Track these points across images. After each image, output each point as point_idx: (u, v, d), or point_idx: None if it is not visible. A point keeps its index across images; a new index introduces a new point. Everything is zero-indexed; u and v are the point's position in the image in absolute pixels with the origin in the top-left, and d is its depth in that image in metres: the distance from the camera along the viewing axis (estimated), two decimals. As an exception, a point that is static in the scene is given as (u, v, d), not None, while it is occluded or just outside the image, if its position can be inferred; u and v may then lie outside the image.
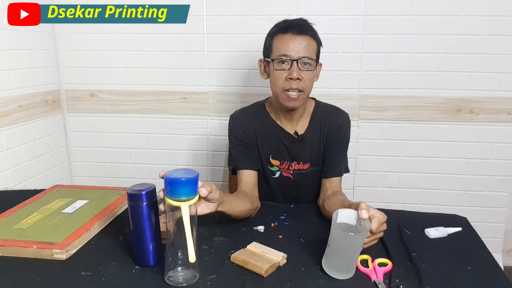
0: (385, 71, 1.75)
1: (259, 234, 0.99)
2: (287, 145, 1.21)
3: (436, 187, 1.86)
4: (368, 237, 0.83)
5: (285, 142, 1.21)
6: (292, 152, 1.22)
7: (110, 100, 1.92)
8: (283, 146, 1.22)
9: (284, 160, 1.23)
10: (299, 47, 1.07)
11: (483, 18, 1.65)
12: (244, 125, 1.22)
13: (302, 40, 1.08)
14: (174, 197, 0.74)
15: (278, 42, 1.10)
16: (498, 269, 0.84)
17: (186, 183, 0.74)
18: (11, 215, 1.05)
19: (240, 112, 1.27)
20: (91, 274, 0.81)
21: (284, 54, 1.08)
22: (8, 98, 1.59)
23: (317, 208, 1.16)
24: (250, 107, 1.28)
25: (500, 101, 1.73)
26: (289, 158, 1.23)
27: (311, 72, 1.10)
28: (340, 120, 1.22)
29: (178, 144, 1.95)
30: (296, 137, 1.21)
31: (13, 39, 1.61)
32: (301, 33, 1.08)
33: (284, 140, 1.21)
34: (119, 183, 1.99)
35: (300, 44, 1.08)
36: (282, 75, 1.10)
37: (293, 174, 1.24)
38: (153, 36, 1.82)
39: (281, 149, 1.22)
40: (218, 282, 0.78)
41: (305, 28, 1.10)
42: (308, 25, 1.12)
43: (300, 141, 1.21)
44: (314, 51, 1.11)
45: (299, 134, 1.21)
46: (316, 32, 1.14)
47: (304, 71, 1.09)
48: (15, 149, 1.65)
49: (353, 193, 1.91)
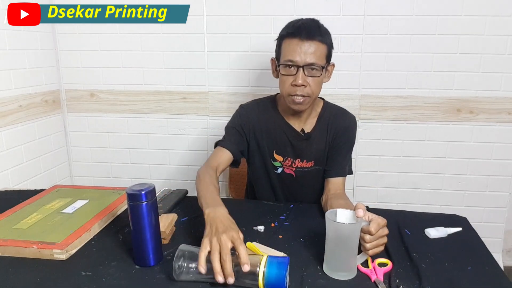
0: (385, 71, 1.75)
1: (259, 234, 0.99)
2: (293, 142, 1.22)
3: (436, 187, 1.86)
4: (369, 241, 0.81)
5: (290, 139, 1.22)
6: (297, 149, 1.22)
7: (110, 100, 1.92)
8: (288, 143, 1.22)
9: (288, 157, 1.23)
10: (306, 53, 1.06)
11: (483, 18, 1.65)
12: (251, 117, 1.23)
13: (310, 46, 1.06)
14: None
15: (286, 46, 1.09)
16: (498, 269, 0.84)
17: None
18: (11, 215, 1.05)
19: (251, 104, 1.28)
20: (91, 274, 0.81)
21: (291, 60, 1.07)
22: (8, 98, 1.59)
23: (317, 208, 1.16)
24: (262, 101, 1.29)
25: (500, 101, 1.73)
26: (293, 155, 1.23)
27: (318, 77, 1.09)
28: (347, 122, 1.23)
29: (178, 144, 1.95)
30: (303, 134, 1.21)
31: (13, 39, 1.61)
32: (309, 38, 1.06)
33: (290, 137, 1.22)
34: (119, 183, 1.99)
35: (307, 50, 1.06)
36: (289, 80, 1.10)
37: (295, 171, 1.24)
38: (153, 36, 1.82)
39: (286, 145, 1.22)
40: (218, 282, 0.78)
41: (314, 32, 1.07)
42: (317, 28, 1.09)
43: (306, 139, 1.21)
44: (323, 55, 1.09)
45: (305, 132, 1.21)
46: (327, 34, 1.12)
47: (310, 77, 1.08)
48: (15, 149, 1.65)
49: (353, 193, 1.91)
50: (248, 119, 1.23)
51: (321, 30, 1.10)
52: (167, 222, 0.96)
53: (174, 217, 1.00)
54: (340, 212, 0.81)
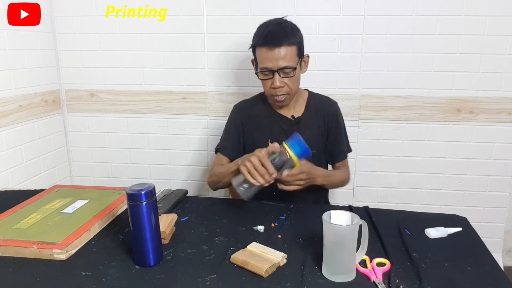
0: (385, 71, 1.75)
1: (259, 234, 0.99)
2: (285, 128, 1.30)
3: (436, 187, 1.86)
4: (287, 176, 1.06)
5: (282, 126, 1.31)
6: (290, 135, 1.26)
7: (110, 100, 1.92)
8: (280, 129, 1.30)
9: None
10: (278, 59, 1.16)
11: (483, 18, 1.65)
12: (243, 113, 1.35)
13: (279, 52, 1.15)
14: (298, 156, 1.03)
15: (259, 55, 1.20)
16: (498, 269, 0.84)
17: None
18: (11, 215, 1.05)
19: (242, 102, 1.42)
20: (91, 274, 0.81)
21: (265, 67, 1.19)
22: (8, 98, 1.59)
23: (317, 208, 1.16)
24: (251, 98, 1.42)
25: (500, 101, 1.73)
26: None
27: (292, 76, 1.20)
28: (334, 108, 1.36)
29: (178, 144, 1.95)
30: (293, 119, 1.31)
31: (13, 39, 1.61)
32: (277, 45, 1.15)
33: (282, 124, 1.31)
34: (119, 183, 1.99)
35: (278, 56, 1.16)
36: (268, 84, 1.22)
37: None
38: (153, 36, 1.82)
39: (279, 132, 1.30)
40: (218, 282, 0.78)
41: (281, 38, 1.15)
42: (284, 32, 1.17)
43: (297, 123, 1.31)
44: (294, 56, 1.18)
45: (295, 117, 1.31)
46: (295, 32, 1.20)
47: (286, 78, 1.20)
48: (15, 149, 1.65)
49: (353, 193, 1.91)
50: (241, 116, 1.35)
51: (287, 33, 1.17)
52: (167, 222, 0.96)
53: (174, 217, 1.00)
54: (335, 213, 0.81)
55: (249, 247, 0.88)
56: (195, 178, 1.99)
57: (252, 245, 0.89)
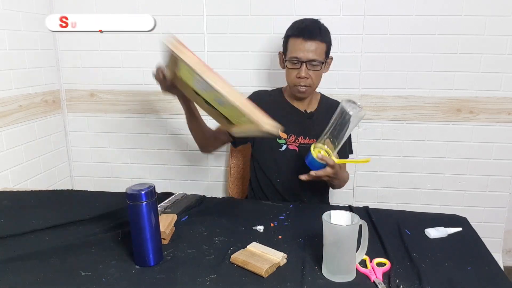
0: (385, 71, 1.75)
1: (259, 234, 0.99)
2: (297, 120, 1.37)
3: (436, 187, 1.86)
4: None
5: (295, 118, 1.37)
6: (300, 127, 1.36)
7: (110, 100, 1.92)
8: (292, 121, 1.36)
9: (292, 134, 1.36)
10: (308, 51, 1.25)
11: (483, 18, 1.65)
12: (260, 99, 1.36)
13: (311, 45, 1.25)
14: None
15: (291, 45, 1.28)
16: (498, 269, 0.84)
17: None
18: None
19: (262, 91, 1.51)
20: (91, 274, 0.81)
21: (295, 56, 1.26)
22: (8, 98, 1.59)
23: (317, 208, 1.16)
24: (271, 90, 1.51)
25: (500, 101, 1.73)
26: (297, 132, 1.36)
27: (318, 70, 1.28)
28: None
29: (178, 144, 1.95)
30: (306, 113, 1.39)
31: (13, 39, 1.61)
32: (311, 38, 1.24)
33: (295, 116, 1.38)
34: (119, 183, 2.00)
35: (309, 48, 1.25)
36: (293, 73, 1.29)
37: (298, 147, 1.36)
38: (153, 36, 1.82)
39: (290, 123, 1.33)
40: (218, 282, 0.78)
41: (315, 33, 1.25)
42: (318, 29, 1.27)
43: (309, 117, 1.38)
44: (323, 52, 1.28)
45: (308, 112, 1.39)
46: (327, 33, 1.30)
47: (311, 71, 1.27)
48: (15, 149, 1.65)
49: (353, 193, 1.91)
50: (258, 100, 1.35)
51: (321, 30, 1.28)
52: (167, 222, 0.96)
53: (174, 217, 1.00)
54: (335, 213, 0.81)
55: (249, 247, 0.88)
56: (195, 178, 1.99)
57: (252, 245, 0.89)
